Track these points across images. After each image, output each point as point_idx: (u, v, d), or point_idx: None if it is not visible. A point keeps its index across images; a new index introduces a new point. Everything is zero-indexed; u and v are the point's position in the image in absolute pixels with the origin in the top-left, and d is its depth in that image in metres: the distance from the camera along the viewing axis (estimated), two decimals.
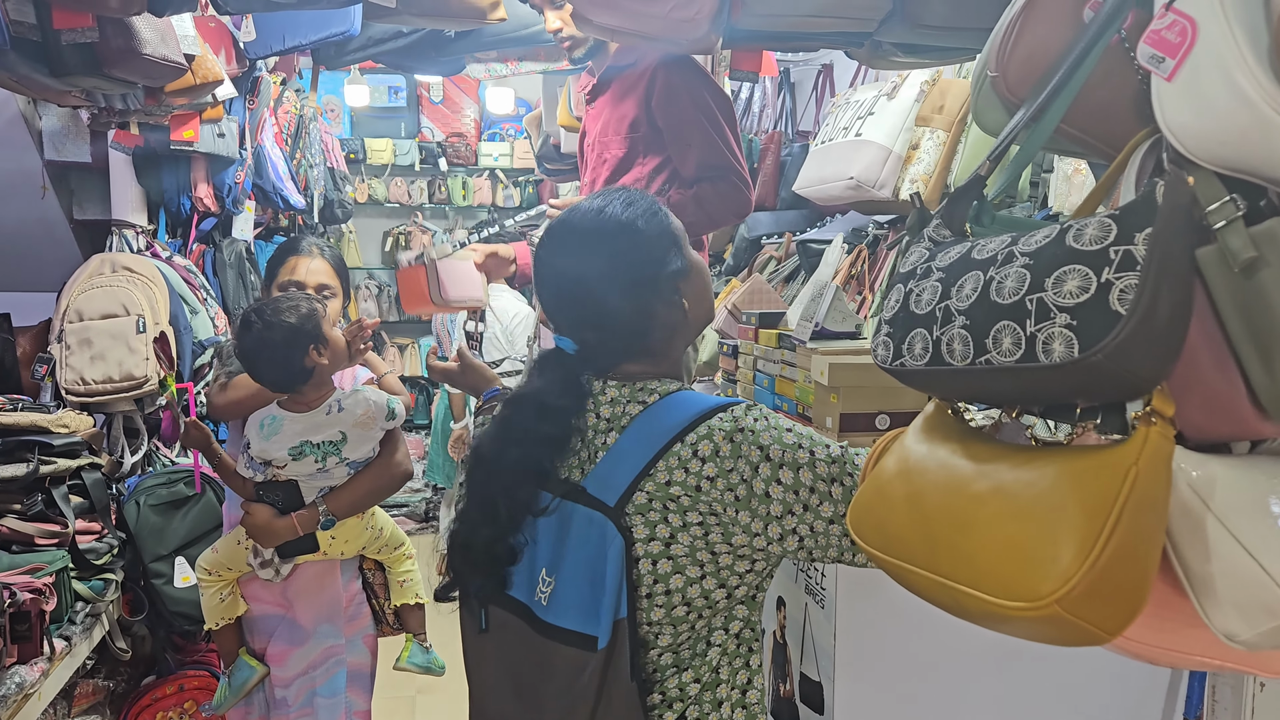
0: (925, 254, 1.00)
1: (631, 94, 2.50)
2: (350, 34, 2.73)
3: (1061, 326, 0.79)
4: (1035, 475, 0.85)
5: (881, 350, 1.03)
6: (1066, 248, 0.81)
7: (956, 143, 2.85)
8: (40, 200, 3.36)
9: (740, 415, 1.32)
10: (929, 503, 0.95)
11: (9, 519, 2.53)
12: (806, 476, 1.29)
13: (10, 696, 2.12)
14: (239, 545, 2.26)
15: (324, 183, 4.69)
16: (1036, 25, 0.95)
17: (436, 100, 7.03)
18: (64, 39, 1.83)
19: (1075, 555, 0.78)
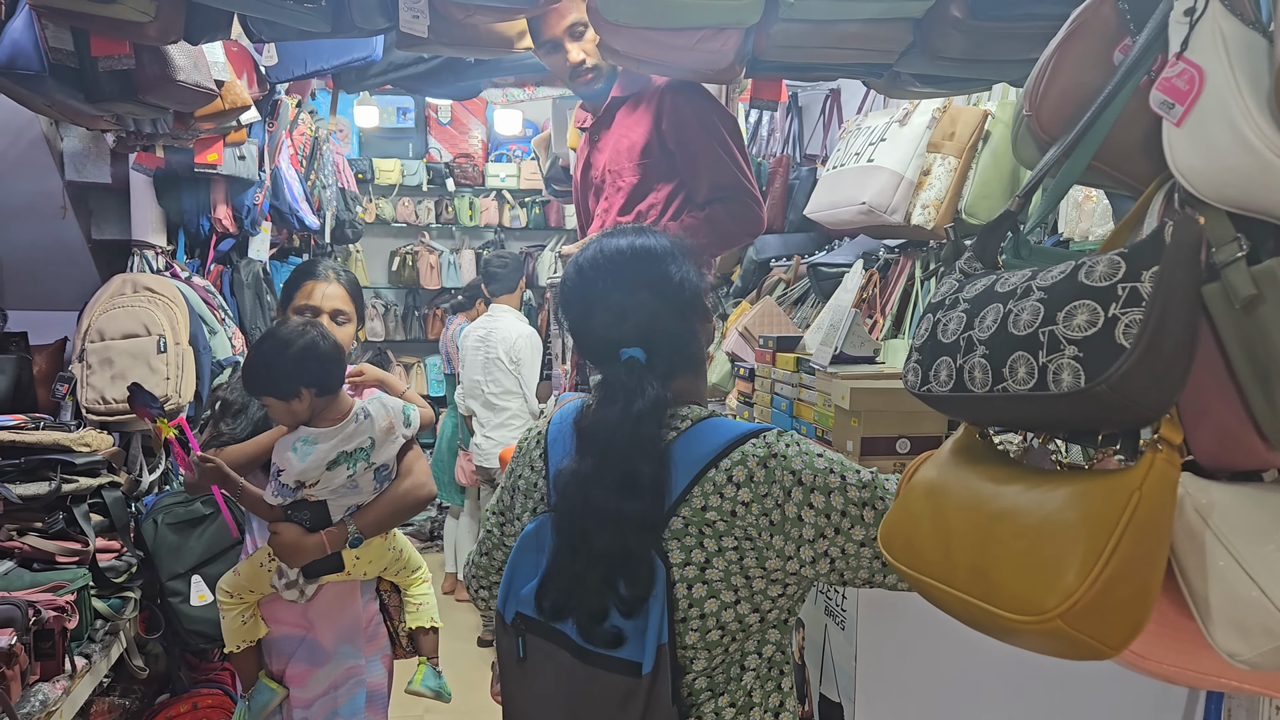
0: (955, 285, 1.04)
1: (641, 122, 2.54)
2: (372, 60, 2.77)
3: (1070, 358, 0.83)
4: (1046, 497, 0.90)
5: (911, 376, 1.07)
6: (1078, 283, 0.85)
7: (967, 169, 2.89)
8: (60, 220, 3.40)
9: (773, 441, 1.35)
10: (950, 521, 1.00)
11: (31, 537, 2.55)
12: (838, 500, 1.32)
13: (34, 714, 2.13)
14: (261, 568, 2.27)
15: (335, 203, 4.74)
16: (1068, 67, 0.99)
17: (444, 121, 7.09)
18: (101, 66, 1.88)
19: (1078, 573, 0.82)
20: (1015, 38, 1.81)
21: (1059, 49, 1.00)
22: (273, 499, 2.22)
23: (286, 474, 2.18)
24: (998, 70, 1.97)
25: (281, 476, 2.19)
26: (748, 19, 1.80)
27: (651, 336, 1.39)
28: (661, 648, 1.29)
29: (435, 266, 7.09)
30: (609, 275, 1.42)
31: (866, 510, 1.32)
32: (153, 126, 2.27)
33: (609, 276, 1.42)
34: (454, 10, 1.83)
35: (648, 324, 1.39)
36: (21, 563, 2.53)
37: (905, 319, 3.20)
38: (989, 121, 2.85)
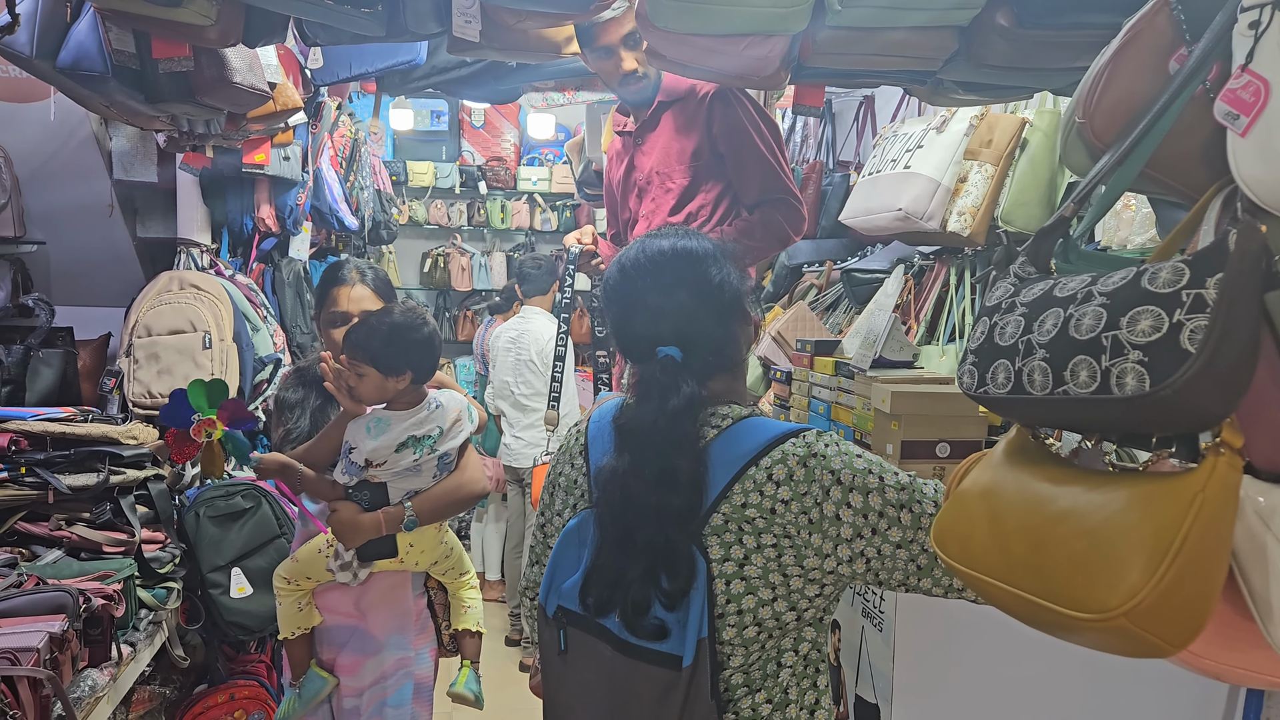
0: (1010, 290, 1.06)
1: (691, 126, 2.60)
2: (416, 63, 2.82)
3: (1134, 362, 0.85)
4: (1108, 498, 0.91)
5: (967, 378, 1.09)
6: (1142, 289, 0.87)
7: (1004, 176, 2.90)
8: (107, 219, 3.48)
9: (813, 441, 1.38)
10: (1008, 521, 1.01)
11: (79, 526, 2.61)
12: (876, 501, 1.34)
13: (83, 698, 2.18)
14: (319, 554, 2.29)
15: (372, 205, 4.80)
16: (1123, 76, 1.01)
17: (477, 125, 7.16)
18: (162, 68, 1.93)
19: (1143, 572, 0.84)
20: (1061, 46, 1.82)
21: (1114, 58, 1.01)
22: (341, 476, 2.24)
23: (357, 452, 2.20)
24: (1042, 78, 1.98)
25: (352, 455, 2.21)
26: (795, 26, 1.82)
27: (689, 336, 1.42)
28: (702, 642, 1.31)
29: (466, 268, 7.14)
30: (650, 275, 1.45)
31: (904, 512, 1.34)
32: (205, 127, 2.33)
33: (649, 276, 1.45)
34: (505, 16, 1.87)
35: (685, 324, 1.42)
36: (70, 551, 2.59)
37: (940, 325, 3.21)
38: (1027, 129, 2.85)
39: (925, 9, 1.78)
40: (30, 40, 1.88)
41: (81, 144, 3.27)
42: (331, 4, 1.71)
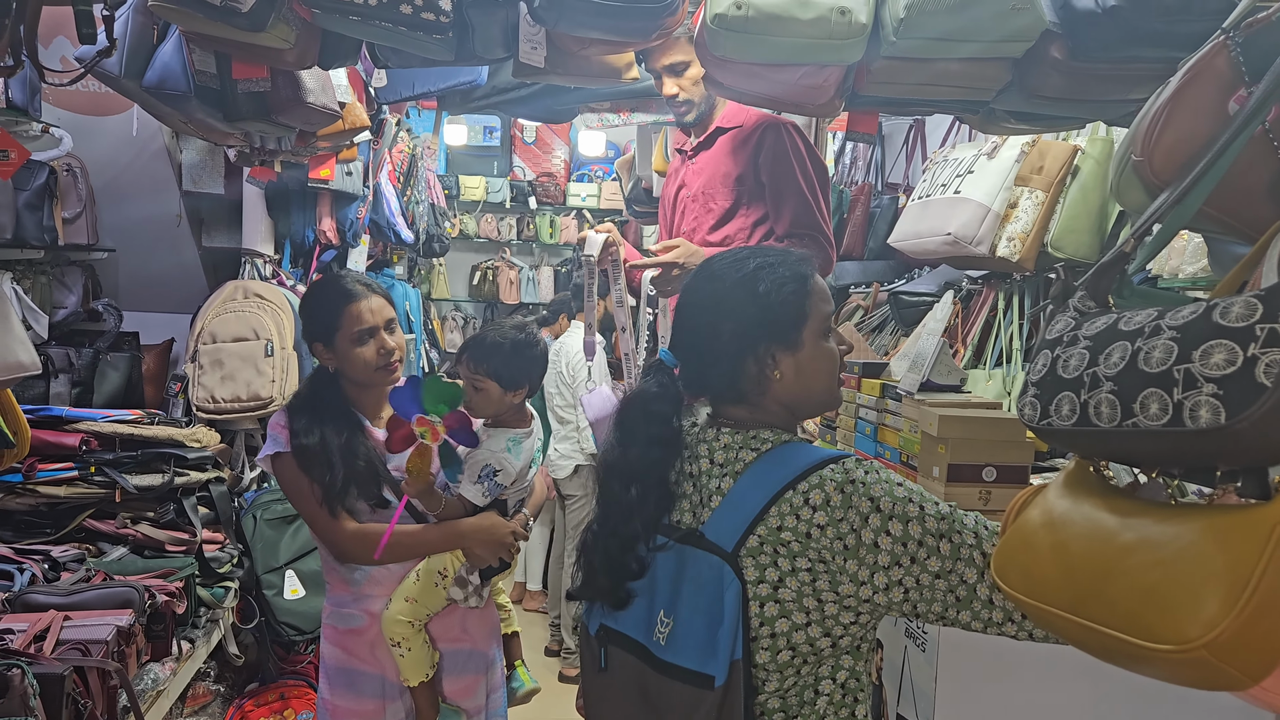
0: (1071, 323, 1.08)
1: (741, 151, 2.65)
2: (477, 83, 2.90)
3: (1209, 395, 0.86)
4: (1180, 529, 0.92)
5: (1029, 410, 1.10)
6: (1213, 323, 0.88)
7: (1055, 203, 2.91)
8: (175, 229, 3.60)
9: (852, 468, 1.37)
10: (1074, 551, 1.02)
11: (144, 525, 2.72)
12: (915, 530, 1.33)
13: (147, 691, 2.27)
14: (436, 586, 2.16)
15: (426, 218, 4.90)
16: (1182, 116, 1.04)
17: (529, 141, 7.27)
18: (240, 88, 2.02)
19: (1223, 603, 0.85)
20: (1114, 79, 1.84)
21: (1174, 97, 1.04)
22: (479, 498, 2.14)
23: (504, 474, 2.14)
24: (1094, 110, 2.00)
25: (498, 477, 2.14)
26: (850, 56, 1.87)
27: (697, 348, 1.49)
28: (735, 664, 1.32)
29: (515, 282, 7.25)
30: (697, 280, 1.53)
31: (943, 542, 1.33)
32: (276, 144, 2.42)
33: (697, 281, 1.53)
34: (570, 43, 1.93)
35: (688, 337, 1.50)
36: (134, 549, 2.70)
37: (987, 349, 3.22)
38: (1079, 157, 2.87)
39: (978, 40, 1.82)
40: (120, 61, 1.98)
41: (154, 157, 3.40)
42: (405, 30, 1.78)
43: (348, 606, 2.21)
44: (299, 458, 2.10)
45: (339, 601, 2.23)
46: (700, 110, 2.73)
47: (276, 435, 2.14)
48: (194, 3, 1.65)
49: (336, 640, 2.23)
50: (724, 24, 1.79)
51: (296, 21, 1.81)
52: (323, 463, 2.09)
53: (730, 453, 1.44)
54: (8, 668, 1.74)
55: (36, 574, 2.38)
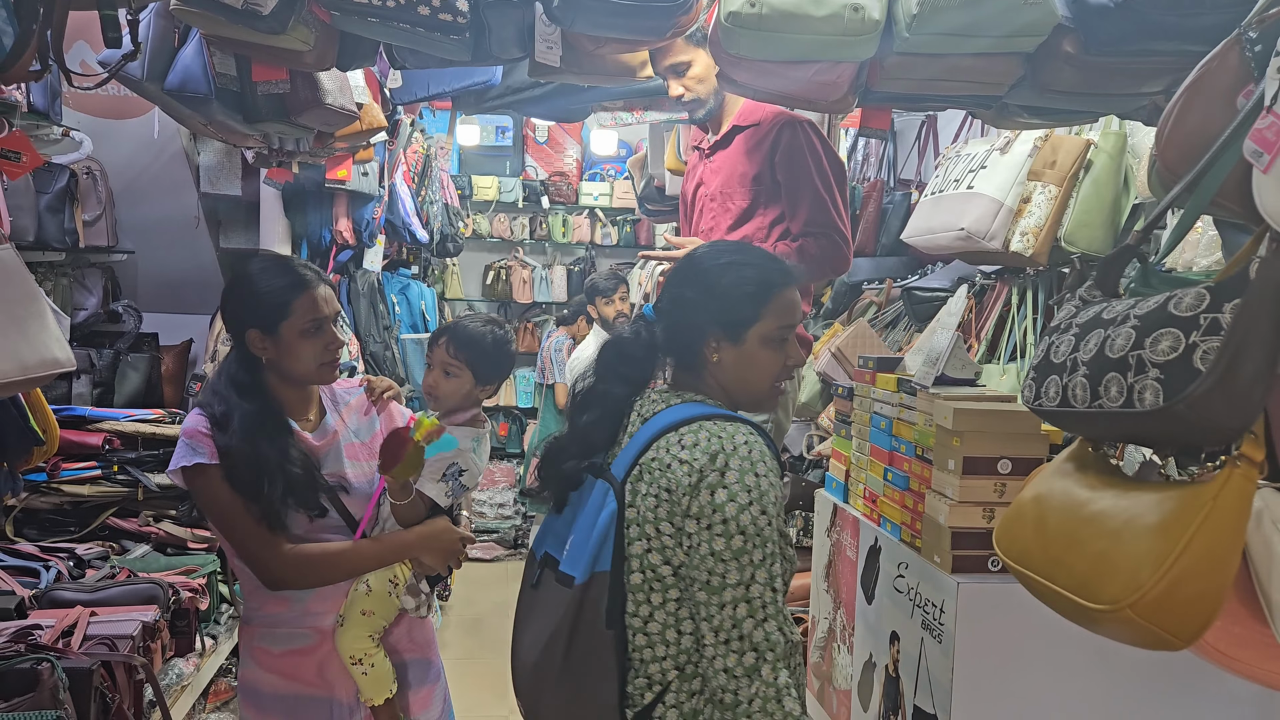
0: (1072, 311, 1.13)
1: (757, 151, 2.67)
2: (491, 83, 2.93)
3: (1152, 379, 0.93)
4: (1132, 502, 1.00)
5: (1026, 392, 1.19)
6: (1167, 313, 0.95)
7: (1068, 197, 2.91)
8: (193, 230, 3.64)
9: (740, 436, 1.51)
10: (1050, 522, 1.11)
11: (166, 523, 2.75)
12: (731, 510, 1.46)
13: (171, 686, 2.30)
14: (390, 596, 2.01)
15: (440, 218, 4.93)
16: (1195, 111, 1.06)
17: (541, 140, 7.30)
18: (260, 90, 2.05)
19: (1150, 569, 0.93)
20: (1126, 73, 1.85)
21: (1186, 92, 1.07)
22: (443, 498, 2.04)
23: (469, 475, 2.06)
24: (1107, 103, 2.01)
25: (463, 478, 2.05)
26: (863, 53, 1.88)
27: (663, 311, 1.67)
28: (600, 574, 1.51)
29: (527, 281, 7.28)
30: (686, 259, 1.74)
31: (738, 539, 1.45)
32: (295, 145, 2.45)
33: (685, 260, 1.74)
34: (585, 42, 1.95)
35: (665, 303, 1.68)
36: (156, 546, 2.74)
37: (1000, 344, 3.23)
38: (1091, 151, 2.87)
39: (991, 35, 1.83)
40: (142, 64, 2.01)
41: (172, 159, 3.44)
42: (422, 31, 1.80)
43: (288, 625, 1.97)
44: (229, 469, 1.84)
45: (273, 621, 1.98)
46: (710, 107, 2.74)
47: (195, 444, 1.86)
48: (215, 6, 1.68)
49: (271, 665, 1.98)
50: (738, 22, 1.80)
51: (315, 24, 1.84)
52: (258, 474, 1.84)
53: (655, 406, 1.61)
54: (37, 662, 1.77)
55: (62, 571, 2.42)
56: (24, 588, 2.26)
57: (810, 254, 2.66)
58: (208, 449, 1.86)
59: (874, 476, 2.31)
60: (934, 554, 1.95)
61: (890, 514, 2.19)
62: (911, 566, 2.04)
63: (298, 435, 1.96)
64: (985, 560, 1.88)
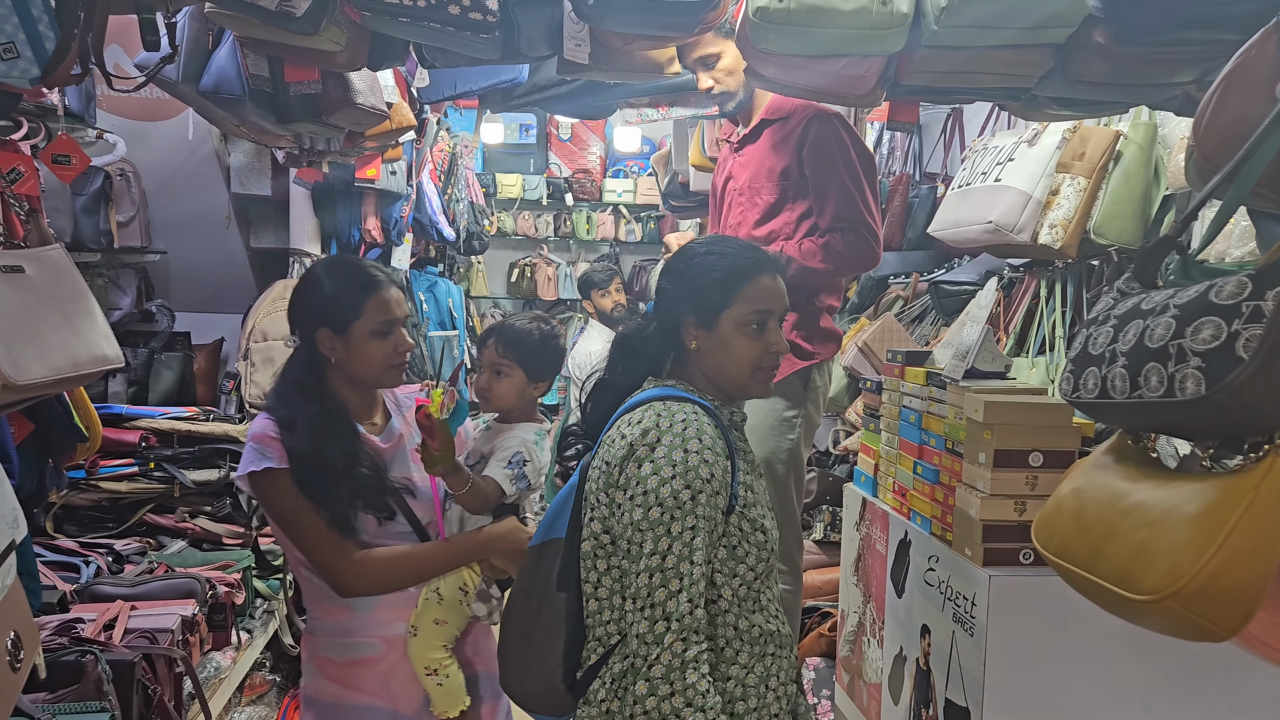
0: (1110, 303, 1.13)
1: (785, 145, 2.66)
2: (518, 81, 2.94)
3: (1194, 368, 0.93)
4: (1172, 493, 0.99)
5: (1065, 385, 1.17)
6: (1207, 301, 0.94)
7: (1097, 189, 2.89)
8: (224, 230, 3.69)
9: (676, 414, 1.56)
10: (1089, 514, 1.11)
11: (201, 519, 2.79)
12: (653, 483, 1.50)
13: (209, 679, 2.34)
14: (461, 604, 1.94)
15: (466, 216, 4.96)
16: (1232, 101, 1.05)
17: (565, 138, 7.32)
18: (293, 90, 2.07)
19: (1192, 559, 0.92)
20: (1158, 62, 1.84)
21: (1223, 82, 1.06)
22: (510, 487, 1.94)
23: (532, 467, 1.98)
24: (1138, 94, 2.00)
25: (527, 468, 1.97)
26: (891, 46, 1.88)
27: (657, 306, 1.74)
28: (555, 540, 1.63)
29: (552, 278, 7.30)
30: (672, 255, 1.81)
31: (656, 510, 1.49)
32: (325, 144, 2.47)
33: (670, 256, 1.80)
34: (613, 39, 1.96)
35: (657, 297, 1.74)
36: (192, 542, 2.77)
37: (1029, 337, 3.21)
38: (1121, 142, 2.85)
39: (1020, 26, 1.82)
40: (177, 67, 2.04)
41: (203, 160, 3.48)
42: (453, 30, 1.82)
43: (354, 635, 1.91)
44: (300, 474, 1.79)
45: (338, 630, 1.91)
46: (741, 99, 2.73)
47: (264, 448, 1.80)
48: (249, 8, 1.70)
49: (336, 675, 1.91)
50: (766, 17, 1.81)
51: (347, 24, 1.86)
52: (327, 476, 1.80)
53: (638, 392, 1.68)
54: (82, 654, 1.81)
55: (101, 566, 2.46)
56: (65, 582, 2.31)
57: (837, 249, 2.64)
58: (277, 453, 1.80)
59: (903, 470, 2.31)
60: (965, 547, 1.95)
61: (920, 507, 2.19)
62: (942, 560, 2.04)
63: (364, 438, 1.90)
64: (1017, 553, 1.88)
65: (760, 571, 1.59)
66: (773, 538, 1.63)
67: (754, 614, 1.58)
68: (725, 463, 1.55)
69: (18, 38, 1.48)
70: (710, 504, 1.51)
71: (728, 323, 1.62)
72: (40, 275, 1.18)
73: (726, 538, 1.56)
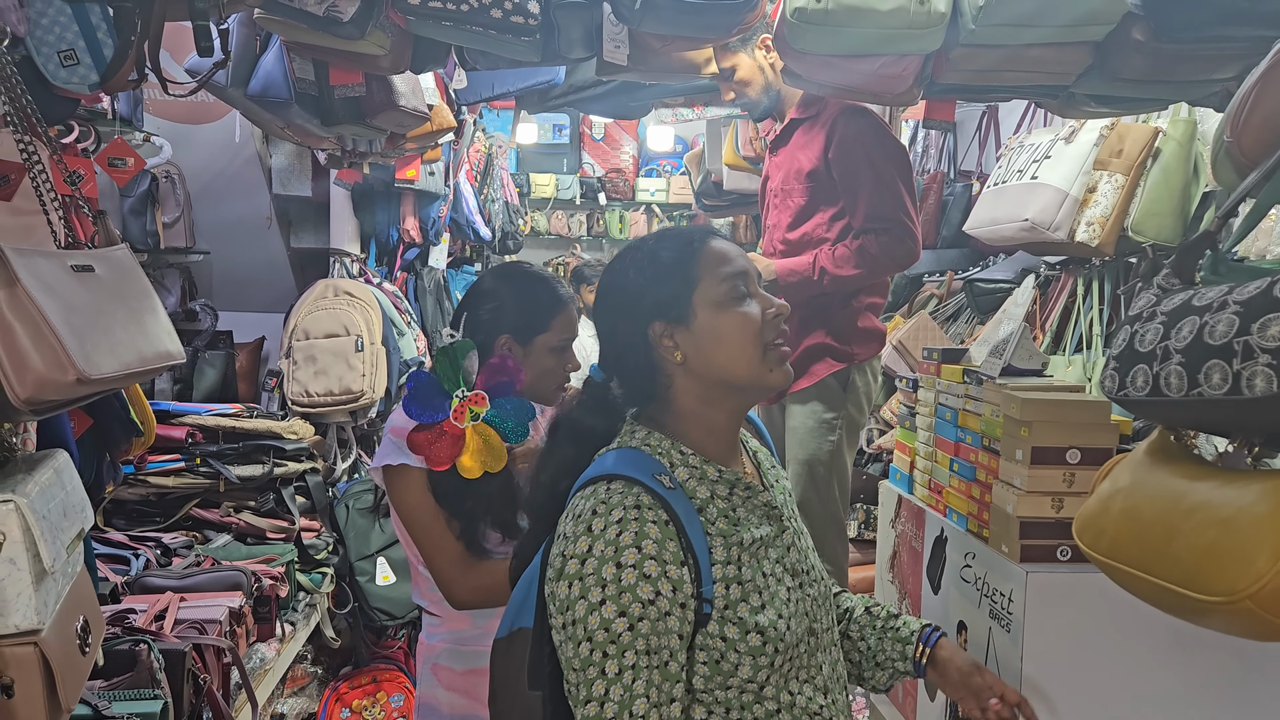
0: (1153, 300, 1.13)
1: (812, 144, 2.65)
2: (555, 82, 2.98)
3: (1264, 365, 0.92)
4: (1239, 492, 0.98)
5: (1108, 382, 1.16)
6: (1273, 298, 0.94)
7: (1135, 186, 2.88)
8: (265, 230, 3.75)
9: (612, 511, 1.21)
10: (1144, 514, 1.09)
11: (246, 514, 2.85)
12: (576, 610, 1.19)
13: (255, 670, 2.39)
14: None
15: (501, 216, 5.02)
16: (1271, 96, 1.06)
17: (598, 138, 7.36)
18: (337, 93, 2.12)
19: (1269, 559, 0.91)
20: (1197, 59, 1.84)
21: (1262, 79, 1.07)
22: None
23: None
24: (1177, 90, 1.99)
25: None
26: (929, 45, 1.89)
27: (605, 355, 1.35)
28: (521, 630, 1.30)
29: None
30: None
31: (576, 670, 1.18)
32: (368, 146, 2.52)
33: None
34: (651, 40, 1.99)
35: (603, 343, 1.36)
36: (237, 536, 2.83)
37: (1066, 335, 3.20)
38: (1160, 139, 2.83)
39: (1058, 24, 1.83)
40: (227, 72, 2.09)
41: (246, 162, 3.54)
42: (494, 34, 1.85)
43: (472, 643, 1.82)
44: (438, 479, 1.75)
45: (459, 638, 1.85)
46: (765, 105, 2.73)
47: (404, 443, 1.75)
48: (298, 14, 1.74)
49: (454, 683, 1.86)
50: (804, 17, 1.83)
51: (391, 28, 1.90)
52: (467, 489, 1.75)
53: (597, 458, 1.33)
54: (135, 643, 1.86)
55: (150, 559, 2.52)
56: (116, 574, 2.37)
57: (871, 253, 2.60)
58: None
59: (939, 467, 2.32)
60: (1002, 543, 1.95)
61: (956, 504, 2.20)
62: (979, 556, 2.04)
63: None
64: (1054, 550, 1.89)
65: (763, 680, 1.24)
66: (775, 634, 1.25)
67: (777, 714, 1.25)
68: (680, 570, 1.19)
69: (78, 45, 1.53)
70: (657, 629, 1.17)
71: (702, 303, 1.29)
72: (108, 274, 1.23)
73: (705, 652, 1.22)
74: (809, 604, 1.32)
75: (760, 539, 1.29)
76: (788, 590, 1.29)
